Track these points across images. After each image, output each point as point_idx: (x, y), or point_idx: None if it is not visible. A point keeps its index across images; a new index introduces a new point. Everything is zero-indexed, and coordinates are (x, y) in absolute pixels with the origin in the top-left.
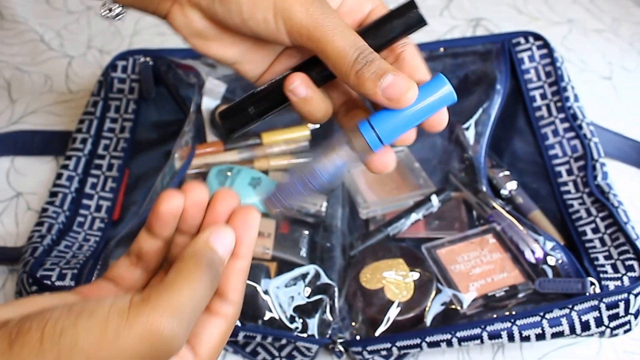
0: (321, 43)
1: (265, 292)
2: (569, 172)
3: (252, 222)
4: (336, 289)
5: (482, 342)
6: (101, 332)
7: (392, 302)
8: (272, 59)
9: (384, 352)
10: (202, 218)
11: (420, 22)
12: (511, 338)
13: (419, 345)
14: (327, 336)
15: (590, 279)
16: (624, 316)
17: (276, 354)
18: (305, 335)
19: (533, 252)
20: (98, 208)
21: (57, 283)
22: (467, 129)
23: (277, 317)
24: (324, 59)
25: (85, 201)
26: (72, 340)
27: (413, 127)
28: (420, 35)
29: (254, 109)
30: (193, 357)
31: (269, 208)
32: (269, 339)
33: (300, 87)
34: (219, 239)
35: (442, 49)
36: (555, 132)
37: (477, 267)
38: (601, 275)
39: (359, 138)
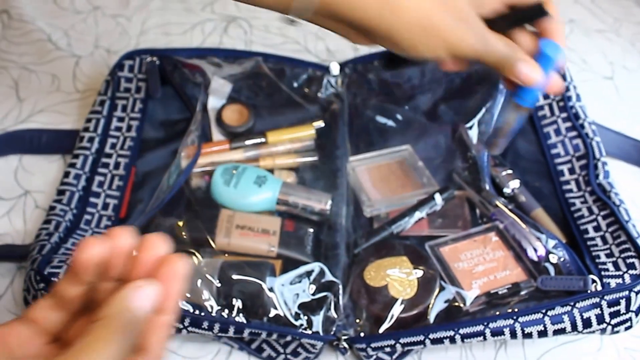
0: (484, 59)
1: (271, 290)
2: (571, 170)
3: (178, 274)
4: (340, 287)
5: (484, 339)
6: None
7: (396, 300)
8: None
9: (387, 349)
10: (128, 264)
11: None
12: (513, 335)
13: (422, 342)
14: (332, 333)
15: (591, 276)
16: (625, 313)
17: (281, 350)
18: (310, 332)
19: (535, 250)
20: (105, 206)
21: None
22: (471, 128)
23: (282, 314)
24: (485, 64)
25: (92, 199)
26: None
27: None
28: None
29: None
30: None
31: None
32: (274, 336)
33: None
34: (140, 298)
35: None
36: (557, 132)
37: (480, 265)
38: (602, 273)
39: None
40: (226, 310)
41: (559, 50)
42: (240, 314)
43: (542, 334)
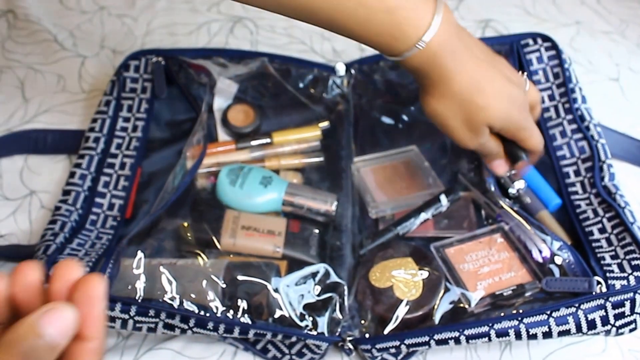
0: (476, 151)
1: (276, 290)
2: (577, 173)
3: (96, 296)
4: (346, 288)
5: (489, 340)
6: None
7: (401, 301)
8: None
9: (392, 350)
10: (40, 299)
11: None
12: (518, 336)
13: (427, 343)
14: (337, 334)
15: (596, 278)
16: (629, 315)
17: (286, 351)
18: (315, 333)
19: (540, 251)
20: (110, 206)
21: None
22: None
23: (287, 315)
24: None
25: (97, 199)
26: None
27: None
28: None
29: None
30: None
31: None
32: (279, 337)
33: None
34: (50, 322)
35: None
36: (563, 133)
37: (485, 266)
38: (607, 274)
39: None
40: (231, 311)
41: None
42: (246, 315)
43: (547, 335)
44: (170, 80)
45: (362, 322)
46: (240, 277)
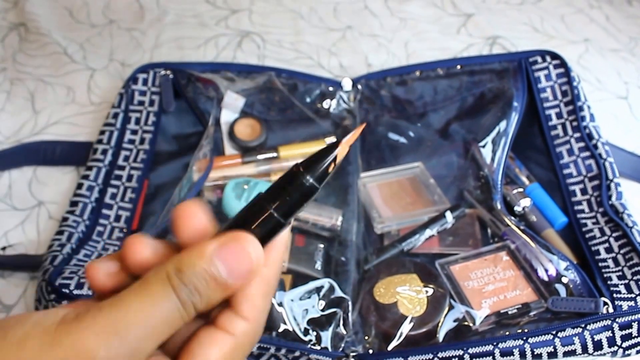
0: None
1: (280, 305)
2: (583, 191)
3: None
4: (350, 303)
5: (493, 359)
6: (16, 354)
7: (405, 317)
8: None
9: None
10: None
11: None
12: (523, 356)
13: None
14: (340, 349)
15: (603, 298)
16: (637, 336)
17: None
18: (318, 348)
19: (546, 270)
20: (117, 218)
21: (75, 292)
22: (484, 146)
23: (291, 330)
24: None
25: (104, 211)
26: None
27: None
28: (438, 53)
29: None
30: None
31: None
32: (283, 351)
33: None
34: (226, 256)
35: (459, 67)
36: (570, 151)
37: (490, 284)
38: (614, 295)
39: None
40: None
41: None
42: None
43: (552, 355)
44: (178, 94)
45: (366, 337)
46: None
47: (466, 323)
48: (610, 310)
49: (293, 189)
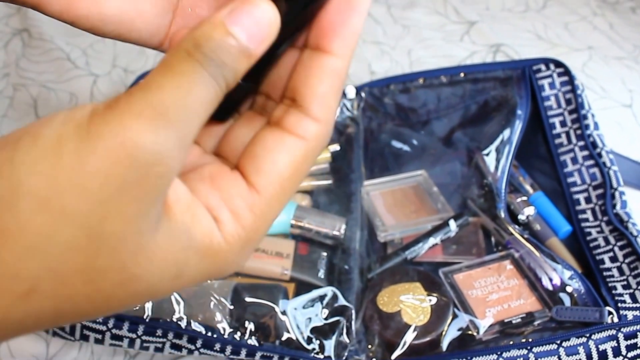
0: None
1: (283, 313)
2: (588, 200)
3: (357, 5)
4: (353, 311)
5: None
6: (53, 159)
7: (409, 326)
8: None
9: None
10: None
11: None
12: None
13: None
14: (344, 358)
15: (608, 308)
16: None
17: None
18: (322, 356)
19: (550, 279)
20: None
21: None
22: (488, 154)
23: (294, 338)
24: None
25: None
26: (11, 183)
27: None
28: (441, 60)
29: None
30: (248, 190)
31: None
32: (286, 359)
33: None
34: (241, 19)
35: (462, 74)
36: (574, 160)
37: (494, 293)
38: (619, 304)
39: None
40: (238, 333)
41: None
42: (253, 337)
43: None
44: None
45: (369, 346)
46: (248, 299)
47: (470, 332)
48: (615, 319)
49: None
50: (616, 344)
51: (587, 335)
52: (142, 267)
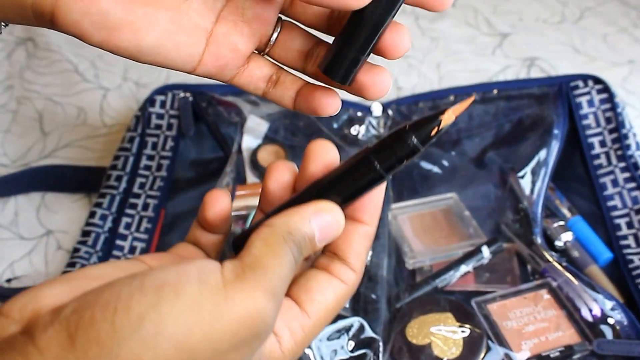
0: None
1: (308, 345)
2: (629, 225)
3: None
4: (381, 344)
5: None
6: (195, 315)
7: (440, 359)
8: (212, 24)
9: None
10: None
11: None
12: None
13: None
14: None
15: None
16: None
17: None
18: None
19: (590, 310)
20: (132, 249)
21: None
22: (523, 176)
23: None
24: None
25: (118, 242)
26: (157, 328)
27: None
28: (472, 75)
29: None
30: (301, 314)
31: None
32: None
33: None
34: (321, 221)
35: (495, 91)
36: (614, 182)
37: (531, 324)
38: None
39: None
40: None
41: None
42: None
43: None
44: (197, 117)
45: None
46: None
47: None
48: None
49: (397, 146)
50: None
51: None
52: None
